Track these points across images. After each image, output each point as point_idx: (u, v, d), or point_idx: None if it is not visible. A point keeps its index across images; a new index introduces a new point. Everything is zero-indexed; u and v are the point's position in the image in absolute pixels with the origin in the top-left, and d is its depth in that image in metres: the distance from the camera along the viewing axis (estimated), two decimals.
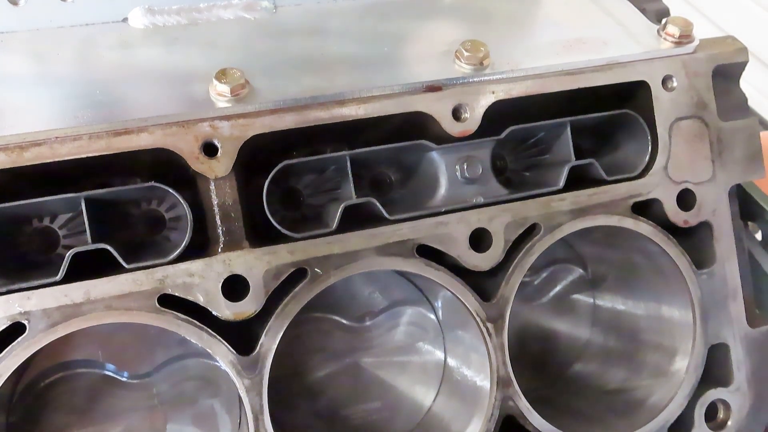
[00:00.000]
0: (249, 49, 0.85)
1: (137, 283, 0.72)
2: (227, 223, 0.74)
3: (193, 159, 0.73)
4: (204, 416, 0.90)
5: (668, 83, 0.86)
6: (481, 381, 0.85)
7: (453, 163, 0.83)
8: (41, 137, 0.70)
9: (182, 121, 0.73)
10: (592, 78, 0.84)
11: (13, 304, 0.69)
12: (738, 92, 0.93)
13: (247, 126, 0.75)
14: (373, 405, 0.96)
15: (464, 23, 0.93)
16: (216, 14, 0.89)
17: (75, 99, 0.75)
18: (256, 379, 0.74)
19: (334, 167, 0.83)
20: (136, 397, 0.89)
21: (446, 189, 0.84)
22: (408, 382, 0.97)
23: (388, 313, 0.97)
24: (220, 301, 0.73)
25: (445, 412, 0.93)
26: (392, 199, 0.87)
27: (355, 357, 0.96)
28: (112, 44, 0.85)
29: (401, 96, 0.79)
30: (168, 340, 0.87)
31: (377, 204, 0.77)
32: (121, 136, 0.72)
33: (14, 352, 0.69)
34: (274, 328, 0.74)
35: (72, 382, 0.87)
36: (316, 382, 0.95)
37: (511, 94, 0.82)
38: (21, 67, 0.81)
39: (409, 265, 0.78)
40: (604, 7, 0.94)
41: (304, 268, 0.75)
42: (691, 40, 0.87)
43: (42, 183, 0.74)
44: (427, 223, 0.79)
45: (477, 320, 0.80)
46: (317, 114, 0.77)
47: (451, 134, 0.80)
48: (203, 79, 0.76)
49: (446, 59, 0.83)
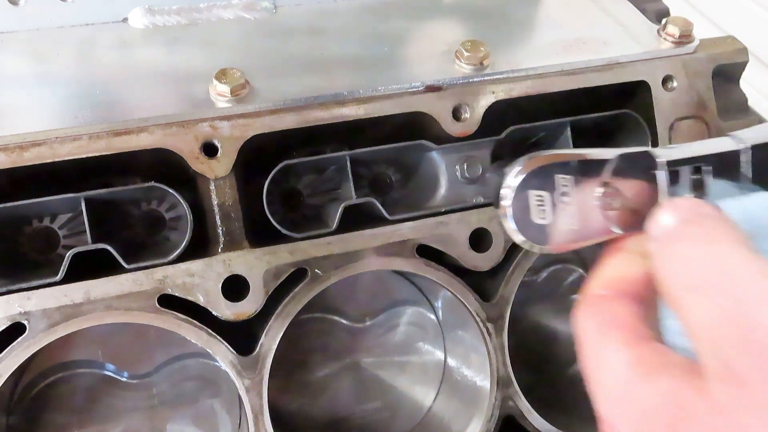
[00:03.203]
0: (249, 49, 0.85)
1: (137, 283, 0.72)
2: (227, 223, 0.74)
3: (193, 159, 0.73)
4: (204, 416, 0.90)
5: (668, 83, 0.86)
6: (481, 381, 0.85)
7: (453, 163, 0.83)
8: (41, 137, 0.70)
9: (182, 121, 0.73)
10: (592, 78, 0.84)
11: (13, 305, 0.69)
12: (738, 92, 0.93)
13: (247, 126, 0.75)
14: (373, 405, 0.96)
15: (464, 23, 0.93)
16: (216, 14, 0.89)
17: (75, 99, 0.75)
18: (256, 379, 0.74)
19: (334, 167, 0.83)
20: (136, 397, 0.88)
21: (446, 189, 0.84)
22: (408, 382, 0.97)
23: (388, 313, 0.97)
24: (220, 301, 0.73)
25: (445, 412, 0.93)
26: (392, 199, 0.87)
27: (355, 357, 0.96)
28: (112, 44, 0.85)
29: (401, 96, 0.79)
30: (168, 340, 0.87)
31: (377, 204, 0.77)
32: (121, 136, 0.72)
33: (14, 352, 0.69)
34: (274, 328, 0.74)
35: (72, 382, 0.86)
36: (316, 382, 0.95)
37: (511, 94, 0.82)
38: (21, 67, 0.81)
39: (409, 265, 0.78)
40: (604, 7, 0.94)
41: (304, 268, 0.75)
42: (691, 40, 0.87)
43: (42, 183, 0.74)
44: (427, 223, 0.79)
45: (477, 320, 0.80)
46: (317, 114, 0.77)
47: (451, 134, 0.80)
48: (203, 79, 0.76)
49: (446, 59, 0.83)
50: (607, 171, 0.50)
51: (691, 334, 0.40)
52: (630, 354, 0.44)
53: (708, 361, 0.38)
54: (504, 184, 0.51)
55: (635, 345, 0.44)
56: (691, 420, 0.38)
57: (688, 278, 0.40)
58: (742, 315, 0.37)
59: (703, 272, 0.40)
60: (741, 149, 0.48)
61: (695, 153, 0.49)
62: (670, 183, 0.49)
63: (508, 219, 0.50)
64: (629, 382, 0.42)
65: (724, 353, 0.37)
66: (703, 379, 0.39)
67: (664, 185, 0.49)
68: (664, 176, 0.49)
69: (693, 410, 0.39)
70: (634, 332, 0.45)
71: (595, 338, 0.46)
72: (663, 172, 0.49)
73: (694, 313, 0.39)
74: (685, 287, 0.40)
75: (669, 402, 0.40)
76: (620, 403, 0.43)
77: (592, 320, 0.47)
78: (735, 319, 0.37)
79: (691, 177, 0.49)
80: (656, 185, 0.50)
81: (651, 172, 0.50)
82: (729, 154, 0.48)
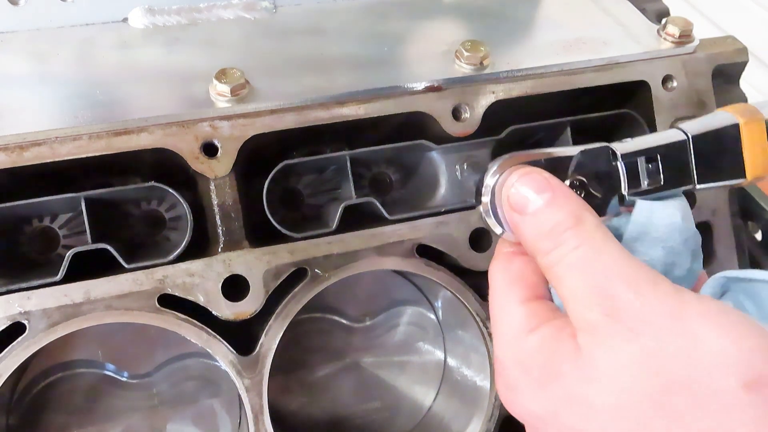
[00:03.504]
0: (249, 49, 0.85)
1: (137, 282, 0.72)
2: (227, 223, 0.74)
3: (193, 159, 0.73)
4: (204, 416, 0.90)
5: (668, 83, 0.86)
6: (481, 381, 0.85)
7: (453, 163, 0.83)
8: (41, 137, 0.70)
9: (182, 121, 0.73)
10: (592, 78, 0.84)
11: (13, 304, 0.69)
12: (738, 92, 0.93)
13: (247, 126, 0.75)
14: (373, 405, 0.96)
15: (464, 23, 0.93)
16: (216, 14, 0.89)
17: (75, 99, 0.75)
18: (255, 379, 0.74)
19: (334, 167, 0.83)
20: (136, 397, 0.88)
21: (446, 189, 0.84)
22: (408, 382, 0.97)
23: (388, 313, 0.97)
24: (220, 301, 0.73)
25: (445, 412, 0.93)
26: (392, 198, 0.87)
27: (355, 357, 0.96)
28: (112, 44, 0.85)
29: (401, 96, 0.79)
30: (168, 340, 0.87)
31: (377, 204, 0.77)
32: (121, 136, 0.72)
33: (14, 352, 0.69)
34: (274, 328, 0.74)
35: (72, 382, 0.86)
36: (316, 382, 0.95)
37: (511, 94, 0.82)
38: (21, 67, 0.81)
39: (408, 265, 0.78)
40: (604, 7, 0.94)
41: (304, 268, 0.75)
42: (691, 40, 0.87)
43: (42, 183, 0.74)
44: (427, 223, 0.79)
45: (477, 320, 0.80)
46: (317, 114, 0.77)
47: (451, 134, 0.80)
48: (203, 79, 0.76)
49: (446, 59, 0.83)
50: (572, 166, 0.56)
51: (564, 300, 0.52)
52: (527, 309, 0.55)
53: (574, 318, 0.51)
54: (483, 183, 0.58)
55: (532, 301, 0.56)
56: (562, 357, 0.51)
57: (569, 259, 0.52)
58: (602, 292, 0.49)
59: (575, 254, 0.52)
60: (685, 139, 0.53)
61: (648, 145, 0.55)
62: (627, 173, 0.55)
63: (487, 215, 0.58)
64: (521, 330, 0.54)
65: (589, 314, 0.50)
66: (572, 330, 0.51)
67: (623, 175, 0.55)
68: (622, 167, 0.55)
69: (564, 350, 0.51)
70: (534, 290, 0.56)
71: (501, 292, 0.57)
72: (621, 164, 0.55)
73: (569, 283, 0.52)
74: (565, 265, 0.52)
75: (547, 345, 0.52)
76: (511, 346, 0.54)
77: (502, 275, 0.58)
78: (597, 292, 0.49)
79: (646, 166, 0.54)
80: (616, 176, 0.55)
81: (612, 164, 0.56)
82: (676, 144, 0.54)
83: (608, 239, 0.52)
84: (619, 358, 0.47)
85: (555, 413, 0.51)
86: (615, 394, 0.47)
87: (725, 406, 0.44)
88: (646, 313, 0.47)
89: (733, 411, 0.44)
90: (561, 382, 0.50)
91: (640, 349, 0.47)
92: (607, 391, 0.47)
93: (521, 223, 0.55)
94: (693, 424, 0.44)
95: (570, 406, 0.50)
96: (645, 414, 0.46)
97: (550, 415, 0.51)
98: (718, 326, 0.46)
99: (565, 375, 0.50)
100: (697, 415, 0.44)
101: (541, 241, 0.53)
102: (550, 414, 0.51)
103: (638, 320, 0.47)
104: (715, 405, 0.44)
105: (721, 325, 0.47)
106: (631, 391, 0.46)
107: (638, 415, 0.46)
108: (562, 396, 0.50)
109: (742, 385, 0.44)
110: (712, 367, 0.45)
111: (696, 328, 0.46)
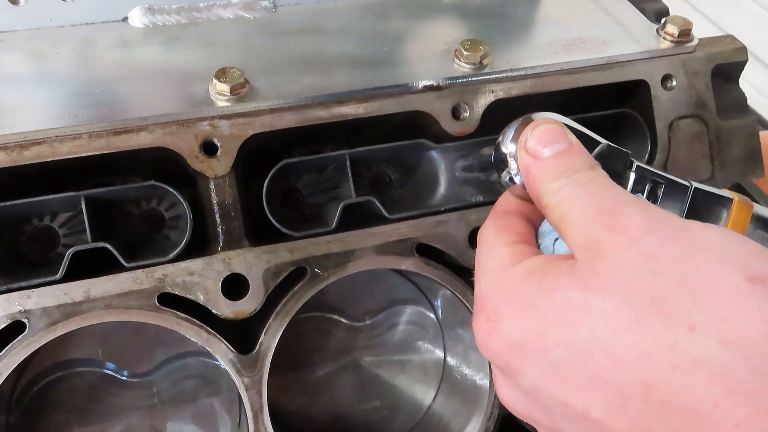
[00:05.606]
0: (249, 49, 0.85)
1: (137, 281, 0.72)
2: (227, 222, 0.75)
3: (193, 158, 0.73)
4: (204, 415, 0.90)
5: (667, 82, 0.86)
6: (481, 380, 0.86)
7: (452, 162, 0.83)
8: (41, 136, 0.70)
9: (182, 120, 0.73)
10: (592, 77, 0.84)
11: (13, 303, 0.69)
12: (737, 92, 0.93)
13: (247, 125, 0.75)
14: (373, 404, 0.96)
15: (464, 22, 0.93)
16: (216, 13, 0.90)
17: (75, 98, 0.75)
18: (255, 378, 0.74)
19: (333, 166, 0.83)
20: (136, 396, 0.89)
21: (445, 188, 0.84)
22: (407, 381, 0.97)
23: (388, 312, 0.97)
24: (219, 299, 0.73)
25: (444, 410, 0.93)
26: (392, 198, 0.87)
27: (355, 356, 0.96)
28: (112, 43, 0.85)
29: (401, 95, 0.79)
30: (168, 339, 0.87)
31: (377, 203, 0.78)
32: (121, 135, 0.72)
33: (14, 350, 0.69)
34: (274, 326, 0.74)
35: (72, 381, 0.87)
36: (315, 381, 0.95)
37: (511, 93, 0.82)
38: (21, 67, 0.81)
39: (408, 264, 0.78)
40: (603, 6, 0.94)
41: (304, 267, 0.76)
42: (690, 39, 0.87)
43: (42, 182, 0.74)
44: (427, 222, 0.79)
45: None
46: (317, 113, 0.77)
47: (451, 133, 0.80)
48: (203, 78, 0.76)
49: (446, 59, 0.83)
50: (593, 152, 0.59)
51: (569, 227, 0.52)
52: (513, 248, 0.55)
53: (577, 239, 0.50)
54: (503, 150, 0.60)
55: (520, 243, 0.56)
56: (555, 275, 0.50)
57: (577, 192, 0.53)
58: (608, 211, 0.50)
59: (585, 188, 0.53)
60: (689, 187, 0.59)
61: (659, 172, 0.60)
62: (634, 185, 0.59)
63: (516, 179, 0.59)
64: (506, 264, 0.54)
65: (591, 232, 0.49)
66: (565, 258, 0.51)
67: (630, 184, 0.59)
68: (633, 177, 0.60)
69: (557, 268, 0.50)
70: (522, 237, 0.57)
71: (490, 237, 0.58)
72: (633, 174, 0.59)
73: (574, 213, 0.52)
74: (573, 197, 0.52)
75: (536, 271, 0.51)
76: (494, 279, 0.54)
77: (492, 226, 0.59)
78: (603, 212, 0.50)
79: (650, 187, 0.59)
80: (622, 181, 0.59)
81: (625, 170, 0.60)
82: (680, 185, 0.59)
83: (617, 185, 0.53)
84: (618, 262, 0.47)
85: (540, 333, 0.49)
86: (611, 295, 0.46)
87: (728, 299, 0.43)
88: (650, 224, 0.48)
89: (736, 302, 0.43)
90: (552, 297, 0.49)
91: (641, 251, 0.46)
92: (604, 291, 0.46)
93: (533, 165, 0.56)
94: (692, 319, 0.43)
95: (559, 318, 0.48)
96: (642, 312, 0.45)
97: (533, 338, 0.49)
98: (722, 234, 0.47)
99: (559, 286, 0.49)
100: (698, 310, 0.44)
101: (552, 181, 0.54)
102: (534, 335, 0.49)
103: (641, 230, 0.47)
104: (716, 299, 0.44)
105: (726, 235, 0.47)
106: (628, 289, 0.46)
107: (635, 314, 0.45)
108: (553, 308, 0.49)
109: (746, 278, 0.44)
110: (714, 265, 0.45)
111: (699, 236, 0.47)
